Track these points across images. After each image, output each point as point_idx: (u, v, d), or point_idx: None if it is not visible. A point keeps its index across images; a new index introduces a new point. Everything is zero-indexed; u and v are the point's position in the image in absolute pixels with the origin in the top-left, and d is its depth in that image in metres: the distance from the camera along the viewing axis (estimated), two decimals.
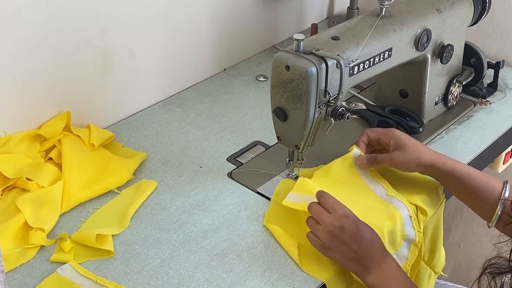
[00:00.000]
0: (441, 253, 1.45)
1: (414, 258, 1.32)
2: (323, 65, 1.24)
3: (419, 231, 1.31)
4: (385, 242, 1.24)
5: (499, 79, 1.69)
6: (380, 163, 1.35)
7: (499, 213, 1.28)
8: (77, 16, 1.40)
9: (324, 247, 1.19)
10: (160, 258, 1.22)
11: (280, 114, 1.30)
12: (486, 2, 1.56)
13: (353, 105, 1.55)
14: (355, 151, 1.38)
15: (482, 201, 1.29)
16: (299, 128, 1.29)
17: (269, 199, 1.36)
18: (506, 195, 1.27)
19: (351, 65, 1.28)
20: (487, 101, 1.67)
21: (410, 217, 1.31)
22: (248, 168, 1.44)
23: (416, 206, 1.34)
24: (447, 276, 1.53)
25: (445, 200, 1.40)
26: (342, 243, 1.16)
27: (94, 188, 1.34)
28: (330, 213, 1.19)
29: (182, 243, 1.25)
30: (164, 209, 1.33)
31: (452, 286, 1.64)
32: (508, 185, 1.28)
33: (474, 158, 1.49)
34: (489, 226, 1.30)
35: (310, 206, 1.21)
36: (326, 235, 1.18)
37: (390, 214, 1.30)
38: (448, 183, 1.33)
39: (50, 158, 1.39)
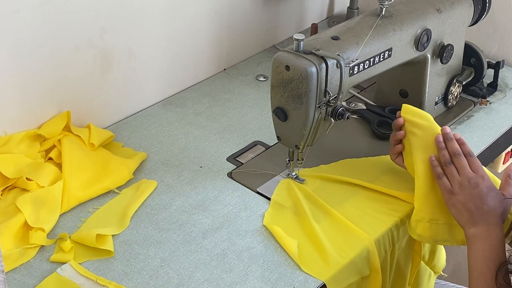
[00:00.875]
0: (441, 253, 1.45)
1: None
2: (323, 65, 1.24)
3: None
4: None
5: (499, 79, 1.69)
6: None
7: None
8: (77, 16, 1.40)
9: (451, 191, 1.24)
10: (160, 258, 1.22)
11: (280, 114, 1.30)
12: (486, 2, 1.56)
13: (353, 105, 1.56)
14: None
15: None
16: (299, 128, 1.29)
17: (269, 199, 1.36)
18: None
19: (351, 65, 1.28)
20: (487, 101, 1.67)
21: None
22: (248, 168, 1.44)
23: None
24: (446, 275, 1.53)
25: None
26: (470, 195, 1.21)
27: (94, 188, 1.34)
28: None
29: (182, 243, 1.25)
30: (164, 209, 1.33)
31: (452, 286, 1.64)
32: None
33: None
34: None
35: (457, 156, 1.26)
36: (459, 184, 1.23)
37: None
38: None
39: (50, 158, 1.39)
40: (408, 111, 1.33)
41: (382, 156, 1.46)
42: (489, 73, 1.68)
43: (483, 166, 1.27)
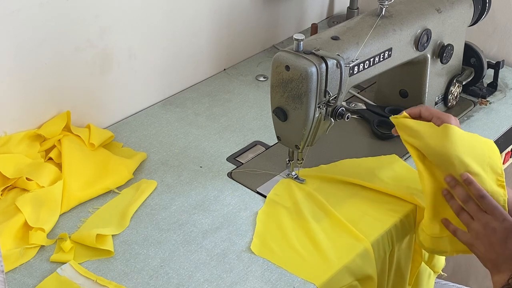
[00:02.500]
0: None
1: None
2: (323, 65, 1.24)
3: None
4: None
5: (499, 79, 1.69)
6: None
7: None
8: (77, 16, 1.40)
9: (470, 244, 1.19)
10: (160, 258, 1.22)
11: (280, 114, 1.30)
12: (486, 2, 1.56)
13: (353, 105, 1.55)
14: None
15: None
16: (299, 128, 1.29)
17: None
18: None
19: (351, 65, 1.28)
20: (487, 101, 1.67)
21: None
22: (248, 168, 1.44)
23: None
24: (446, 275, 1.52)
25: None
26: (488, 244, 1.16)
27: (94, 188, 1.34)
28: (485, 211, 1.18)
29: (182, 243, 1.25)
30: (164, 209, 1.33)
31: (452, 286, 1.64)
32: None
33: None
34: None
35: (467, 202, 1.19)
36: (475, 234, 1.18)
37: None
38: None
39: (50, 158, 1.39)
40: (401, 127, 1.28)
41: (382, 156, 1.46)
42: (489, 73, 1.68)
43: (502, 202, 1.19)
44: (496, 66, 1.68)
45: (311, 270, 1.21)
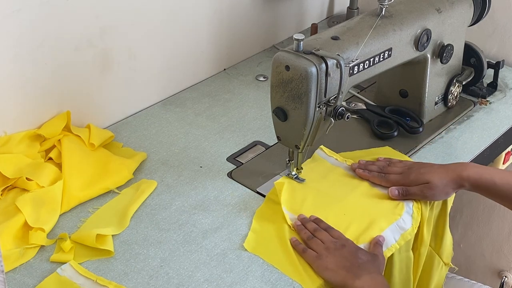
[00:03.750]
0: (447, 239, 1.44)
1: (418, 221, 1.32)
2: (323, 65, 1.24)
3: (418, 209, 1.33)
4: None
5: (499, 79, 1.69)
6: (412, 197, 1.34)
7: None
8: (77, 16, 1.40)
9: (318, 257, 1.20)
10: (160, 258, 1.22)
11: (280, 114, 1.30)
12: (486, 2, 1.56)
13: (353, 105, 1.55)
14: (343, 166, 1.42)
15: None
16: (299, 128, 1.29)
17: None
18: None
19: (351, 65, 1.28)
20: (487, 101, 1.67)
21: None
22: (248, 168, 1.44)
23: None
24: (457, 268, 1.52)
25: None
26: (340, 255, 1.19)
27: (94, 188, 1.34)
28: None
29: (182, 243, 1.26)
30: (164, 209, 1.33)
31: (460, 279, 1.65)
32: None
33: (474, 158, 1.49)
34: None
35: (317, 230, 1.25)
36: (325, 249, 1.21)
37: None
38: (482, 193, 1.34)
39: (50, 158, 1.39)
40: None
41: (376, 148, 1.48)
42: (489, 73, 1.68)
43: None
44: (496, 66, 1.68)
45: (304, 273, 1.20)
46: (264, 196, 1.37)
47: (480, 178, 1.29)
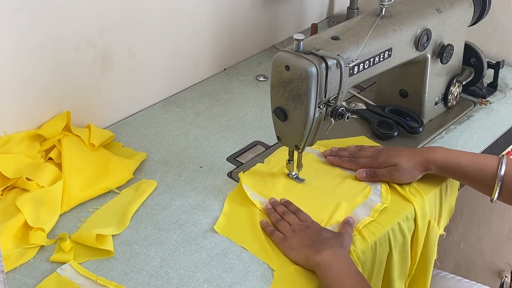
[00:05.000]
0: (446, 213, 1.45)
1: (388, 199, 1.34)
2: (323, 65, 1.24)
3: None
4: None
5: (499, 79, 1.69)
6: (379, 178, 1.38)
7: (498, 188, 1.30)
8: (77, 16, 1.40)
9: (284, 239, 1.24)
10: (160, 258, 1.22)
11: (280, 114, 1.30)
12: (486, 2, 1.56)
13: (353, 105, 1.56)
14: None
15: (480, 181, 1.33)
16: (299, 128, 1.29)
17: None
18: (502, 172, 1.30)
19: (351, 65, 1.28)
20: (487, 101, 1.67)
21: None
22: (248, 168, 1.44)
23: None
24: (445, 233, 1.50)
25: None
26: (304, 235, 1.23)
27: (94, 188, 1.34)
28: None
29: (182, 243, 1.26)
30: (164, 209, 1.33)
31: (459, 279, 1.64)
32: (504, 161, 1.31)
33: None
34: (491, 201, 1.33)
35: (273, 208, 1.31)
36: (291, 231, 1.25)
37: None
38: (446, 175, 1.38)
39: (50, 158, 1.39)
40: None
41: (352, 138, 1.51)
42: (489, 73, 1.68)
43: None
44: (496, 66, 1.68)
45: (272, 254, 1.23)
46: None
47: (446, 161, 1.34)
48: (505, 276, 2.10)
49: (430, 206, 1.37)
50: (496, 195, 1.31)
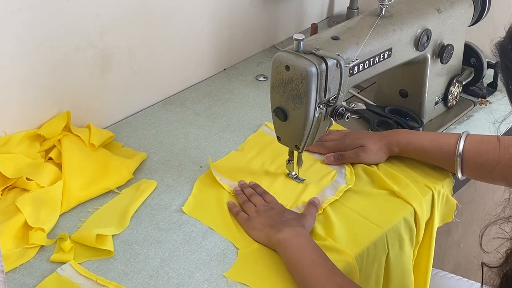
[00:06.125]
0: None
1: (353, 181, 1.38)
2: (323, 65, 1.24)
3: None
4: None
5: (499, 79, 1.69)
6: (347, 160, 1.43)
7: (459, 165, 1.35)
8: (77, 16, 1.40)
9: (248, 219, 1.28)
10: (160, 258, 1.22)
11: (280, 114, 1.30)
12: (486, 2, 1.56)
13: (353, 105, 1.56)
14: None
15: (442, 160, 1.39)
16: (299, 128, 1.29)
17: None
18: (460, 149, 1.34)
19: (351, 65, 1.28)
20: (487, 101, 1.67)
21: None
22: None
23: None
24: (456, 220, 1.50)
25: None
26: (267, 216, 1.27)
27: (94, 188, 1.35)
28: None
29: (182, 243, 1.26)
30: (164, 209, 1.33)
31: (459, 279, 1.64)
32: (462, 138, 1.35)
33: None
34: (459, 179, 1.38)
35: (252, 195, 1.33)
36: (255, 211, 1.29)
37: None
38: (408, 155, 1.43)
39: (50, 158, 1.39)
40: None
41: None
42: (489, 73, 1.68)
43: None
44: (496, 66, 1.67)
45: (237, 233, 1.26)
46: None
47: (409, 143, 1.40)
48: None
49: (427, 206, 1.37)
50: (459, 172, 1.36)
